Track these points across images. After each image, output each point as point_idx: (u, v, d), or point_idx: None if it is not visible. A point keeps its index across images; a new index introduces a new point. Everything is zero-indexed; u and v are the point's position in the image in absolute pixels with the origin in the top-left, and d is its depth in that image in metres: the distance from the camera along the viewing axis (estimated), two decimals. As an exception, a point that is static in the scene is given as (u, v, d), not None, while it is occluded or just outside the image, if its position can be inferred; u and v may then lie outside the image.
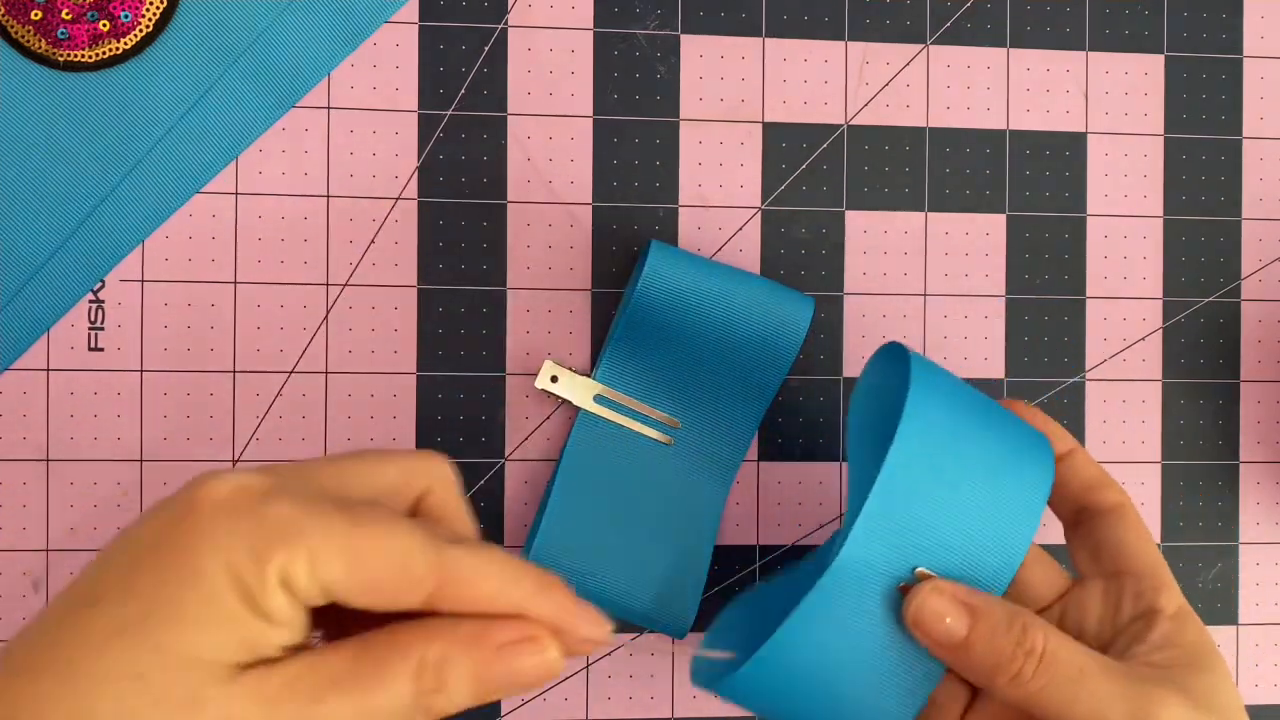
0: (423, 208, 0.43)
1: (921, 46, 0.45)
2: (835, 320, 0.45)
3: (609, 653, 0.44)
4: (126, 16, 0.41)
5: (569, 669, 0.44)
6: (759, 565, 0.45)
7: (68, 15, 0.41)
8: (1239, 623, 0.47)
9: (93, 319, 0.42)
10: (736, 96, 0.45)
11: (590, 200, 0.44)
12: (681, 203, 0.44)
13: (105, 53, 0.41)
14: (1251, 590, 0.47)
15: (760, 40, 0.45)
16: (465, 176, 0.44)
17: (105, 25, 0.41)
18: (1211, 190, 0.47)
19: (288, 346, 0.43)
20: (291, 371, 0.43)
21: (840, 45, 0.45)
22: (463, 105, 0.44)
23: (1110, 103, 0.46)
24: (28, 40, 0.41)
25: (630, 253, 0.44)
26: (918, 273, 0.45)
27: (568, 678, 0.44)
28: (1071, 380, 0.46)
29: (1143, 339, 0.46)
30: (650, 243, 0.42)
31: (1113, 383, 0.46)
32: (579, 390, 0.43)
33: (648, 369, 0.43)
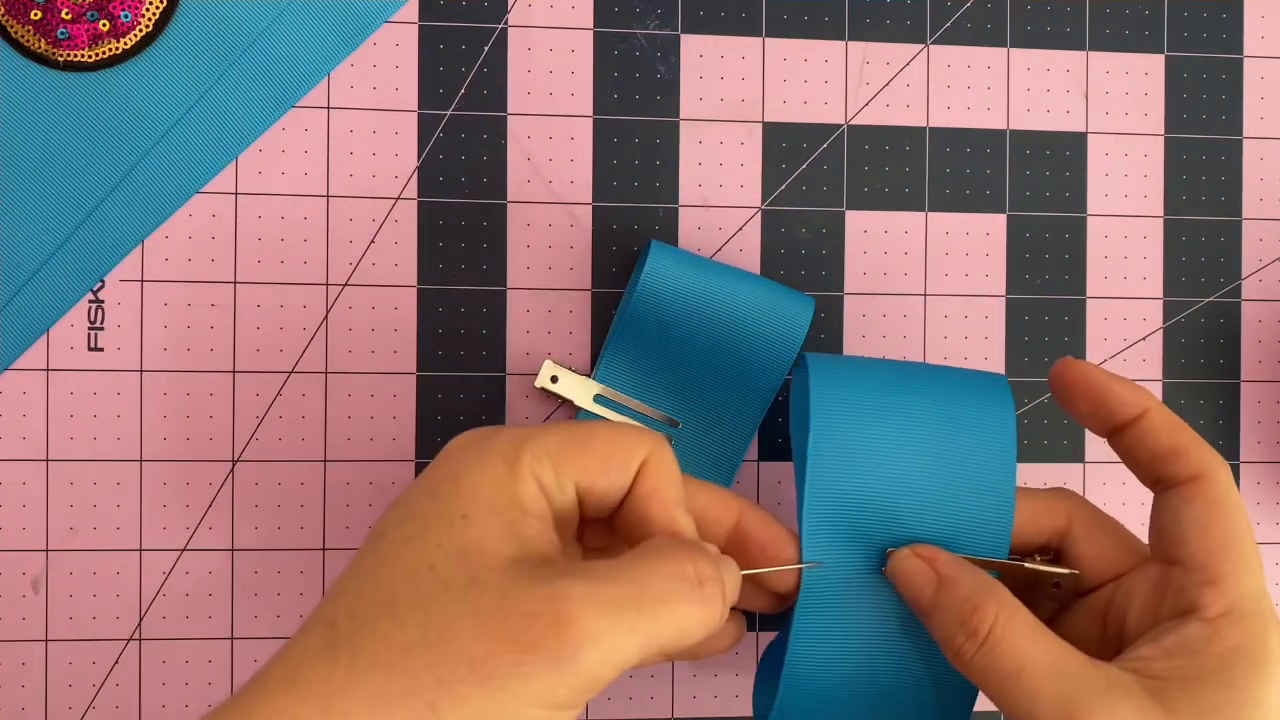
0: (423, 208, 0.43)
1: (921, 46, 0.45)
2: (835, 320, 0.45)
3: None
4: (126, 16, 0.41)
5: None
6: (759, 565, 0.45)
7: (68, 15, 0.41)
8: (1239, 623, 0.47)
9: (93, 319, 0.42)
10: (736, 96, 0.45)
11: (590, 200, 0.44)
12: (681, 203, 0.44)
13: (105, 53, 0.41)
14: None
15: (760, 40, 0.45)
16: (465, 176, 0.44)
17: (105, 25, 0.41)
18: (1211, 190, 0.47)
19: (288, 346, 0.43)
20: (291, 371, 0.43)
21: (840, 45, 0.45)
22: (463, 105, 0.44)
23: (1110, 103, 0.46)
24: (28, 40, 0.41)
25: (630, 253, 0.44)
26: (918, 273, 0.45)
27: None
28: (1071, 380, 0.46)
29: (1143, 339, 0.46)
30: (650, 243, 0.42)
31: (1113, 383, 0.46)
32: (579, 390, 0.43)
33: (648, 369, 0.43)
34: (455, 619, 0.27)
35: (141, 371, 0.42)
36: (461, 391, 0.43)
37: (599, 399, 0.43)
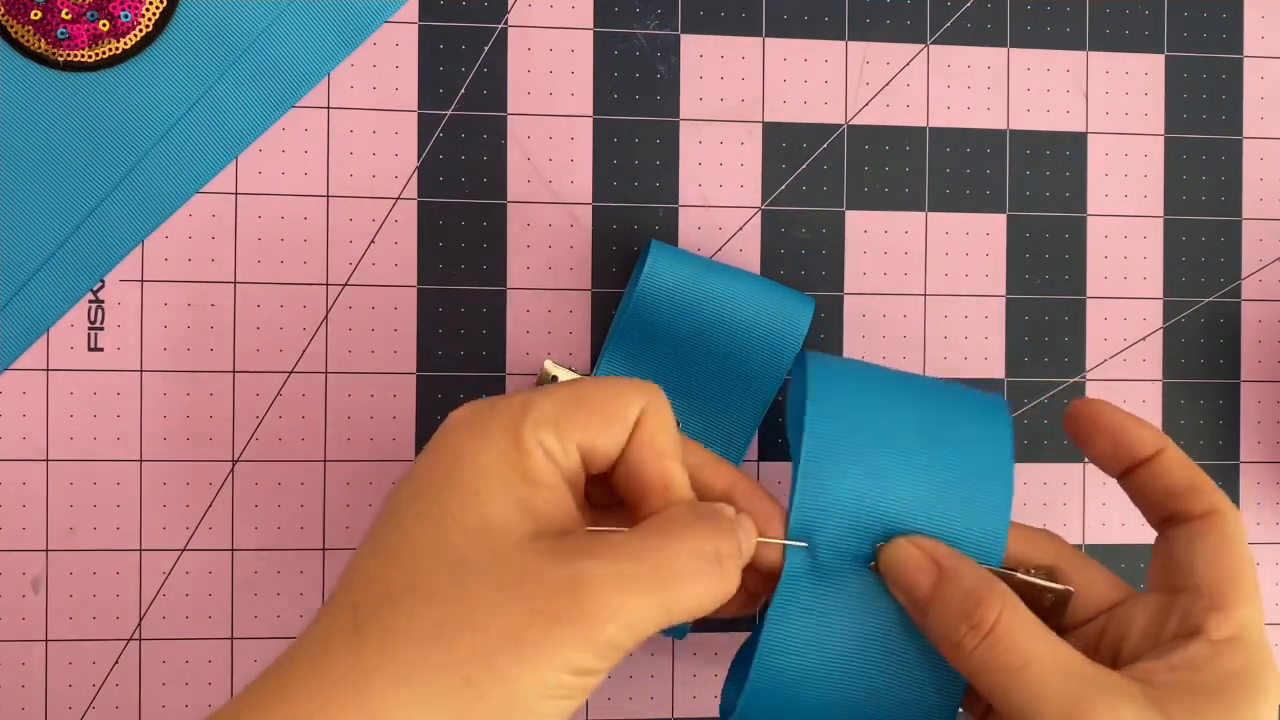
0: (423, 208, 0.43)
1: (921, 46, 0.45)
2: (835, 320, 0.45)
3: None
4: (126, 16, 0.41)
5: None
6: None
7: (67, 15, 0.41)
8: (1239, 623, 0.47)
9: (93, 319, 0.42)
10: (736, 96, 0.45)
11: (590, 200, 0.44)
12: (681, 203, 0.44)
13: (105, 52, 0.41)
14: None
15: (760, 40, 0.45)
16: (465, 176, 0.44)
17: (105, 25, 0.41)
18: (1211, 190, 0.47)
19: (288, 346, 0.43)
20: (291, 371, 0.43)
21: (840, 45, 0.45)
22: (463, 105, 0.44)
23: (1110, 103, 0.46)
24: (27, 40, 0.41)
25: (630, 253, 0.44)
26: (918, 273, 0.45)
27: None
28: (1071, 380, 0.46)
29: (1143, 339, 0.46)
30: (650, 243, 0.42)
31: (1113, 383, 0.46)
32: (579, 390, 0.43)
33: (648, 369, 0.43)
34: (483, 594, 0.28)
35: (141, 371, 0.42)
36: (461, 391, 0.43)
37: (599, 399, 0.43)
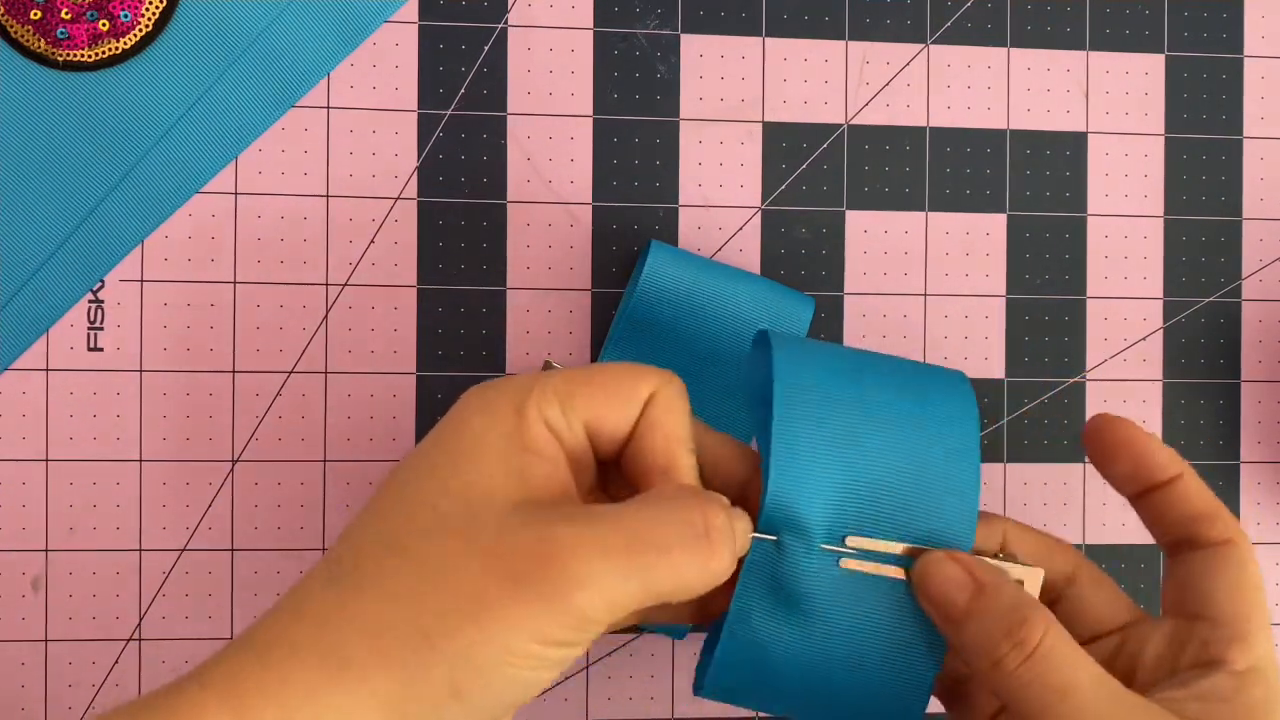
0: (423, 208, 0.43)
1: (921, 46, 0.45)
2: (835, 320, 0.45)
3: (609, 653, 0.44)
4: (126, 16, 0.41)
5: (570, 669, 0.44)
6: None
7: (67, 15, 0.41)
8: (1239, 623, 0.47)
9: (92, 319, 0.42)
10: (736, 96, 0.45)
11: (590, 200, 0.44)
12: (681, 203, 0.44)
13: (105, 52, 0.41)
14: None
15: (760, 40, 0.45)
16: (465, 176, 0.44)
17: (105, 25, 0.41)
18: (1211, 190, 0.47)
19: (287, 346, 0.43)
20: (291, 371, 0.43)
21: (840, 45, 0.45)
22: (463, 105, 0.44)
23: (1110, 103, 0.46)
24: (27, 40, 0.41)
25: (630, 253, 0.44)
26: (918, 273, 0.45)
27: (568, 677, 0.44)
28: (1071, 380, 0.46)
29: (1143, 339, 0.46)
30: (650, 243, 0.42)
31: (1113, 383, 0.46)
32: (579, 390, 0.43)
33: (648, 369, 0.43)
34: (453, 555, 0.28)
35: (141, 371, 0.42)
36: (461, 391, 0.43)
37: (599, 399, 0.43)
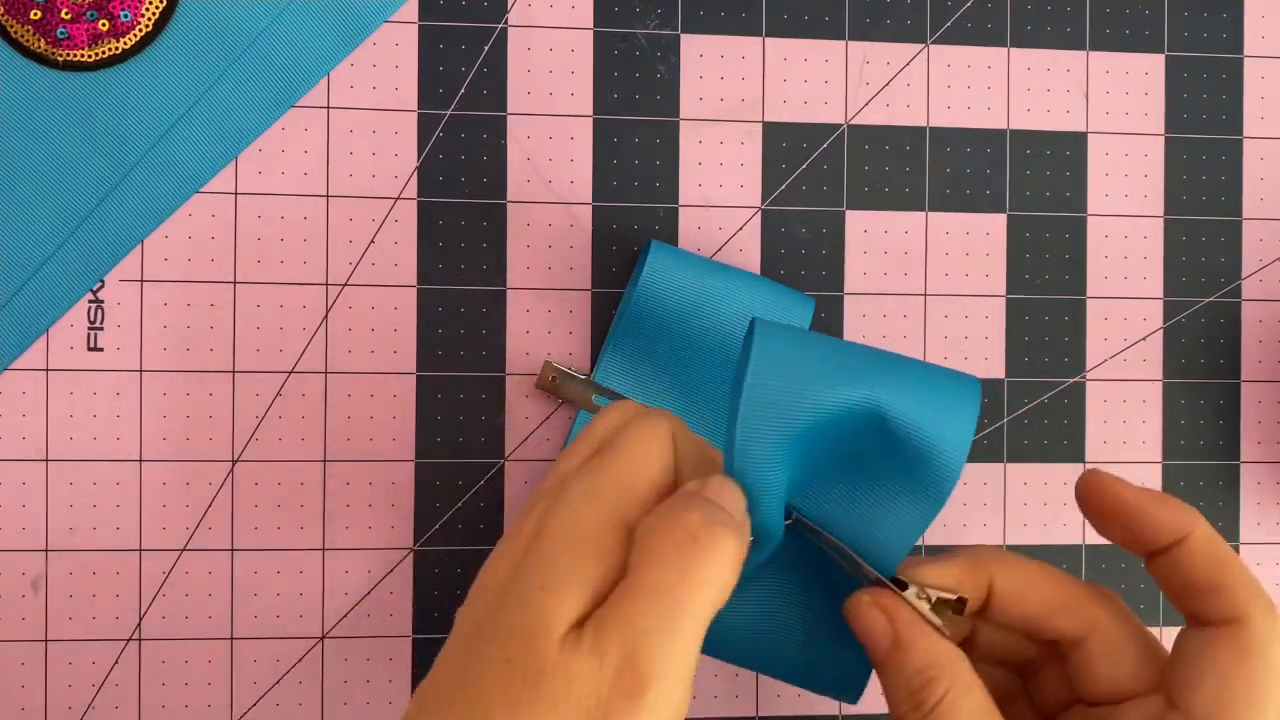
0: (423, 208, 0.43)
1: (921, 46, 0.45)
2: (835, 320, 0.45)
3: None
4: (126, 16, 0.41)
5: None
6: (759, 565, 0.45)
7: (67, 15, 0.41)
8: (1239, 623, 0.47)
9: (92, 319, 0.42)
10: (736, 96, 0.45)
11: (590, 200, 0.44)
12: (681, 203, 0.44)
13: (105, 52, 0.41)
14: None
15: (760, 40, 0.45)
16: (465, 176, 0.44)
17: (105, 25, 0.41)
18: (1211, 190, 0.47)
19: (287, 346, 0.43)
20: (291, 371, 0.43)
21: (840, 45, 0.45)
22: (463, 105, 0.44)
23: (1110, 103, 0.46)
24: (27, 40, 0.41)
25: (630, 253, 0.44)
26: (918, 273, 0.45)
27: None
28: (1071, 380, 0.46)
29: (1143, 339, 0.46)
30: (650, 243, 0.42)
31: (1113, 383, 0.46)
32: (579, 390, 0.43)
33: (648, 369, 0.43)
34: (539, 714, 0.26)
35: (141, 371, 0.42)
36: (461, 391, 0.43)
37: (599, 399, 0.43)
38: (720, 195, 0.44)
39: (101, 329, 0.42)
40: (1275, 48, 0.47)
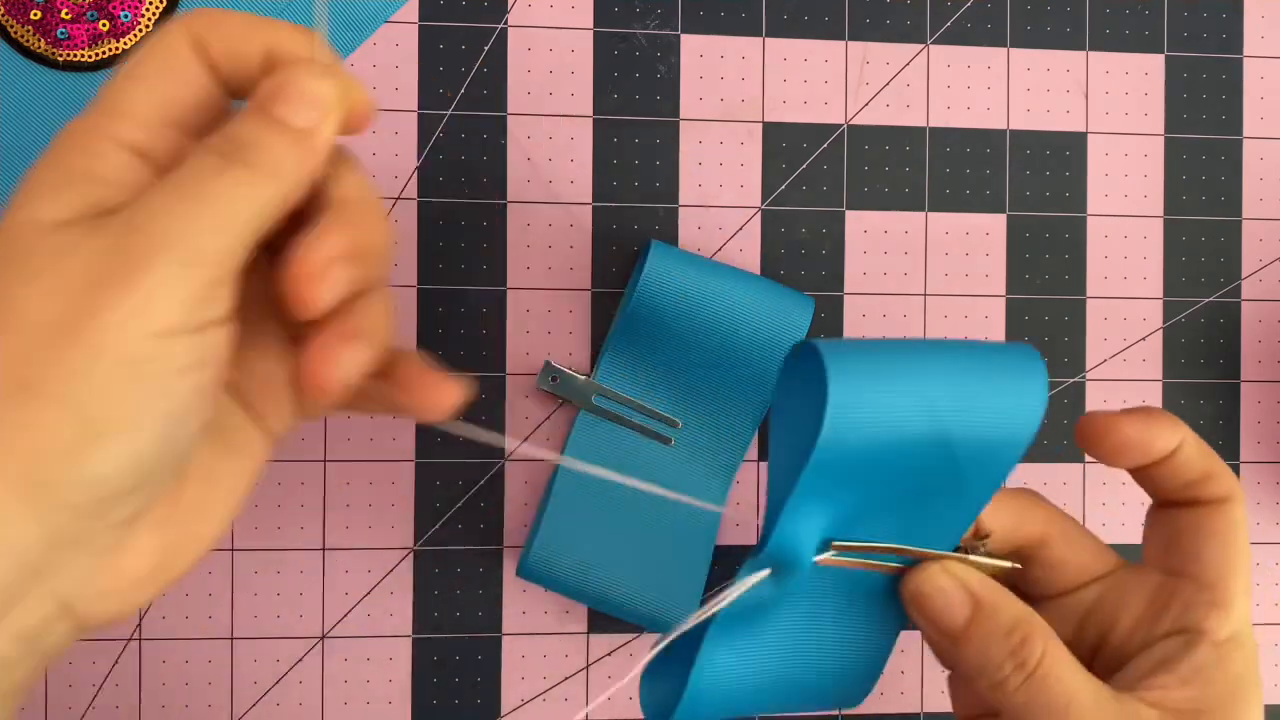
0: (423, 208, 0.43)
1: (921, 46, 0.45)
2: (835, 320, 0.45)
3: (609, 653, 0.44)
4: (126, 16, 0.41)
5: (569, 669, 0.44)
6: (759, 565, 0.45)
7: (67, 15, 0.41)
8: (1239, 623, 0.47)
9: (92, 319, 0.42)
10: (736, 96, 0.45)
11: (590, 200, 0.44)
12: (681, 203, 0.44)
13: (105, 52, 0.41)
14: (1251, 591, 0.47)
15: (760, 40, 0.45)
16: (465, 176, 0.44)
17: (105, 25, 0.41)
18: (1211, 190, 0.47)
19: (288, 346, 0.43)
20: (291, 371, 0.43)
21: (840, 45, 0.45)
22: (463, 105, 0.44)
23: (1110, 103, 0.46)
24: (27, 40, 0.41)
25: (630, 253, 0.44)
26: (918, 273, 0.45)
27: (568, 678, 0.44)
28: (1071, 380, 0.46)
29: (1143, 339, 0.46)
30: (650, 243, 0.42)
31: (1113, 383, 0.46)
32: (579, 390, 0.43)
33: (648, 369, 0.43)
34: (12, 291, 0.25)
35: (141, 371, 0.42)
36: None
37: (599, 399, 0.43)
38: (720, 195, 0.44)
39: (101, 329, 0.42)
40: (1275, 48, 0.47)
